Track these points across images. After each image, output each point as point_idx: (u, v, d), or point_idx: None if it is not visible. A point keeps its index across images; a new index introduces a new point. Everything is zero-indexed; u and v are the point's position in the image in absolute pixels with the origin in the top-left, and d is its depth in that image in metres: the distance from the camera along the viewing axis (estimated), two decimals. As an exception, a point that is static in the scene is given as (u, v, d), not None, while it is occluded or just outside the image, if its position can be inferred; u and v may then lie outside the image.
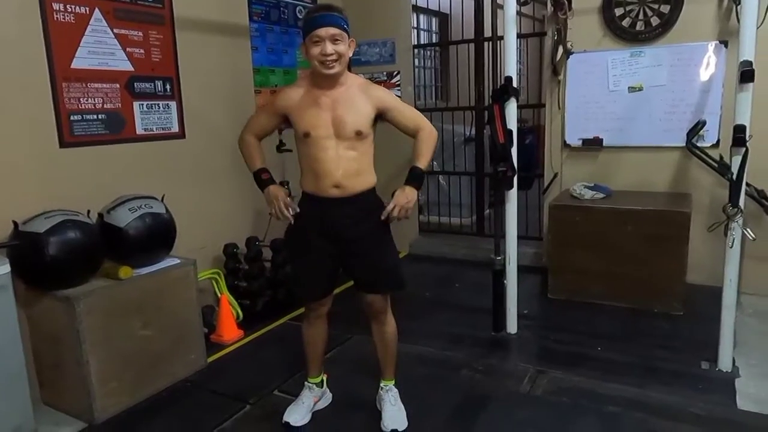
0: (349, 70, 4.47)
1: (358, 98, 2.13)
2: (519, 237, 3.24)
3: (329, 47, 2.00)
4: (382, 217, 2.19)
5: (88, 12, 2.87)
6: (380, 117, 2.19)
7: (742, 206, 2.57)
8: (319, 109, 2.11)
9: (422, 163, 2.24)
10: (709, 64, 3.67)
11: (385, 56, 4.83)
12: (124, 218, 2.67)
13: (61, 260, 2.41)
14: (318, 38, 2.01)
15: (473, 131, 5.17)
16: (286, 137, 3.52)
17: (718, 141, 3.68)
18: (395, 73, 4.82)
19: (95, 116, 2.94)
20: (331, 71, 2.05)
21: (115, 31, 3.00)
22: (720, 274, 2.71)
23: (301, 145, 2.19)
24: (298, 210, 2.21)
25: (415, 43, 5.54)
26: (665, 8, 3.74)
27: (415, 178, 2.24)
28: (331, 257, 2.24)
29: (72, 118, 2.83)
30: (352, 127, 2.10)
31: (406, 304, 3.80)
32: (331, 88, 2.12)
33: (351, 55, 2.11)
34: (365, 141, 2.16)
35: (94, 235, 2.57)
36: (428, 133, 2.24)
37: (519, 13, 3.05)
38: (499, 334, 3.27)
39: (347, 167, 2.13)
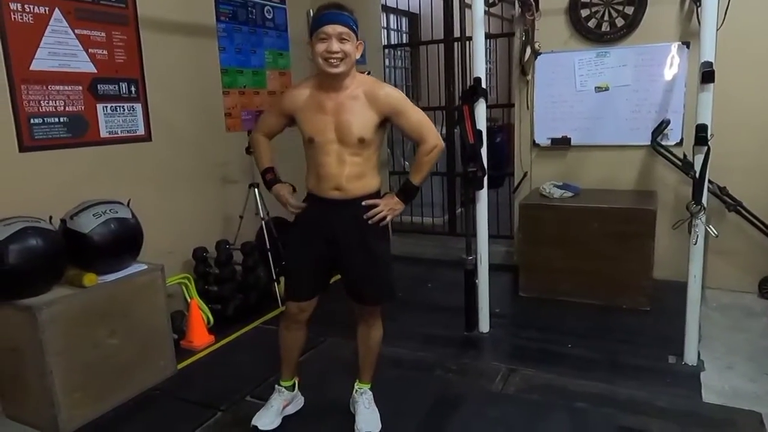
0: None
1: (363, 103, 2.07)
2: (490, 236, 3.26)
3: (335, 45, 1.97)
4: (366, 210, 2.15)
5: (47, 12, 2.79)
6: (387, 120, 2.13)
7: (704, 203, 2.63)
8: (324, 114, 2.08)
9: (416, 179, 2.21)
10: (672, 65, 3.76)
11: (355, 57, 4.80)
12: (88, 224, 2.60)
13: (21, 269, 2.33)
14: (325, 35, 1.98)
15: (444, 131, 5.19)
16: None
17: (681, 140, 3.76)
18: (366, 73, 4.78)
19: (57, 119, 2.86)
20: (336, 70, 2.00)
21: (76, 31, 2.93)
22: (685, 269, 2.77)
23: (306, 147, 2.17)
24: (302, 205, 2.23)
25: (385, 43, 5.54)
26: (629, 10, 3.81)
27: (405, 192, 2.23)
28: (325, 259, 2.21)
29: (32, 121, 2.75)
30: (355, 135, 2.06)
31: (379, 305, 3.81)
32: (336, 91, 2.07)
33: (358, 57, 2.07)
34: (370, 147, 2.11)
35: (56, 242, 2.50)
36: (430, 148, 2.15)
37: (487, 13, 3.07)
38: (472, 334, 3.29)
39: (350, 172, 2.10)
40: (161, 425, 2.52)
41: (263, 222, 3.74)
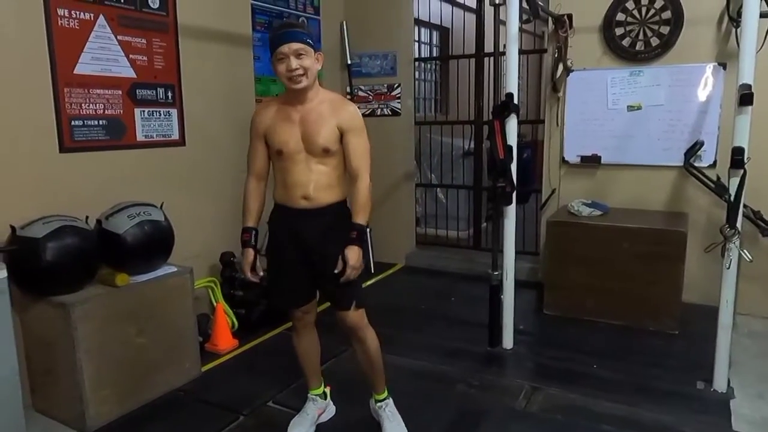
0: (350, 83, 4.48)
1: (326, 115, 2.13)
2: (515, 252, 3.24)
3: (294, 62, 2.03)
4: (335, 217, 2.19)
5: (92, 18, 2.88)
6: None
7: (739, 227, 2.59)
8: (291, 125, 2.14)
9: (362, 219, 2.18)
10: (707, 86, 3.71)
11: (386, 69, 4.85)
12: (122, 225, 2.66)
13: (58, 266, 2.40)
14: (282, 55, 2.04)
15: (472, 145, 5.19)
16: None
17: (715, 161, 3.71)
18: (396, 85, 4.84)
19: (96, 122, 2.94)
20: (299, 85, 2.07)
21: (119, 37, 3.01)
22: (715, 293, 2.72)
23: (274, 159, 2.23)
24: (261, 274, 2.30)
25: (416, 56, 5.57)
26: (665, 29, 3.78)
27: (360, 236, 2.17)
28: (304, 265, 2.24)
29: (73, 123, 2.83)
30: (320, 144, 2.12)
31: (402, 316, 3.81)
32: (302, 104, 2.15)
33: (319, 68, 2.13)
34: (335, 157, 2.17)
35: (91, 241, 2.56)
36: (363, 187, 2.17)
37: (520, 29, 3.07)
38: (495, 349, 3.27)
39: (317, 180, 2.16)
40: (185, 427, 2.55)
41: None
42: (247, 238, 2.29)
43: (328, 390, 2.55)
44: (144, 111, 3.19)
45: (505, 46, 3.07)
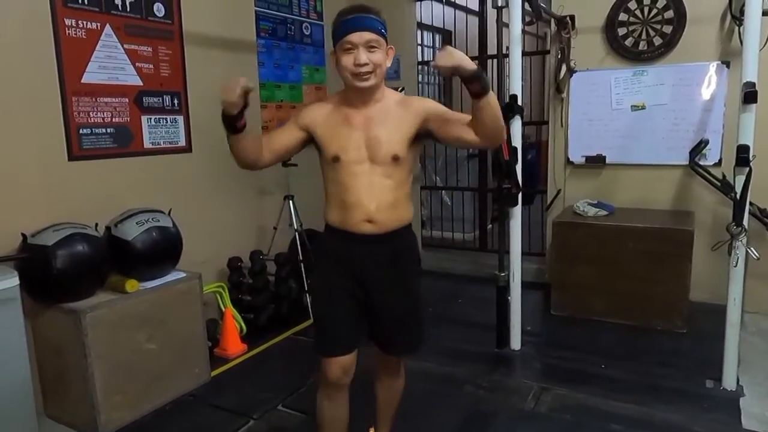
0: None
1: (395, 115, 1.79)
2: (522, 253, 3.25)
3: (363, 56, 1.68)
4: (403, 245, 1.89)
5: (99, 28, 2.91)
6: (424, 132, 1.80)
7: (745, 225, 2.59)
8: (351, 128, 1.79)
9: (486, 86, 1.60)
10: (710, 84, 3.71)
11: (389, 72, 4.85)
12: (131, 232, 2.69)
13: (68, 273, 2.42)
14: (350, 45, 1.69)
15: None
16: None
17: (720, 160, 3.71)
18: (400, 89, 4.85)
19: (104, 130, 2.97)
20: (366, 84, 1.72)
21: (125, 46, 3.04)
22: (723, 292, 2.72)
23: (328, 170, 1.84)
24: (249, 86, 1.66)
25: (420, 59, 5.59)
26: (668, 29, 3.79)
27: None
28: (358, 301, 1.89)
29: (81, 131, 2.86)
30: (387, 150, 1.77)
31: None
32: (365, 105, 1.79)
33: (389, 65, 1.77)
34: (403, 167, 1.82)
35: (101, 248, 2.59)
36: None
37: (522, 30, 3.09)
38: (503, 351, 3.27)
39: (382, 198, 1.79)
40: (197, 431, 2.56)
41: (296, 233, 3.80)
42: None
43: None
44: (151, 118, 3.21)
45: (508, 48, 3.08)
